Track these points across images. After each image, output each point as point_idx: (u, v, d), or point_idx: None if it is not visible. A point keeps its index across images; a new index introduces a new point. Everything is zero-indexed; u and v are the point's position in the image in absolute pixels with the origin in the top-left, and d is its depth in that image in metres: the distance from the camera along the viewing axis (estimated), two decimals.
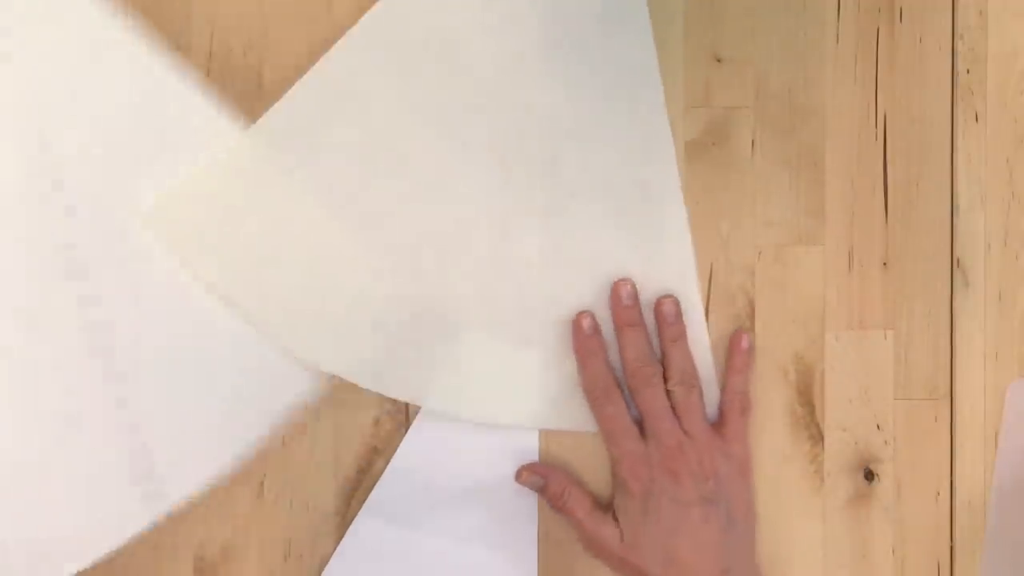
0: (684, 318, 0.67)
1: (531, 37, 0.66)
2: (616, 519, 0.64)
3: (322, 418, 0.67)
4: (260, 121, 0.66)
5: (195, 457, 0.65)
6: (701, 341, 0.67)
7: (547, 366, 0.67)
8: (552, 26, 0.66)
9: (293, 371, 0.65)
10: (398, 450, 0.66)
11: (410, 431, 0.66)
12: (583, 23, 0.66)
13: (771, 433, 0.69)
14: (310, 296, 0.66)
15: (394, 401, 0.67)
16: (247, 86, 0.67)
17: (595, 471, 0.68)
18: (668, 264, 0.67)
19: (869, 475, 0.69)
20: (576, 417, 0.67)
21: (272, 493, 0.67)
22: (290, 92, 0.66)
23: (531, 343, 0.67)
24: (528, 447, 0.67)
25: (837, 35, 0.69)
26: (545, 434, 0.68)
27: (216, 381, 0.64)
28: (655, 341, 0.67)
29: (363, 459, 0.67)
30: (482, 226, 0.66)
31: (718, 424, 0.66)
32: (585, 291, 0.67)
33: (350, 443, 0.67)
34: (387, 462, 0.67)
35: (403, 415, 0.67)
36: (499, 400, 0.67)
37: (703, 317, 0.68)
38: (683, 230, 0.67)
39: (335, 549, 0.67)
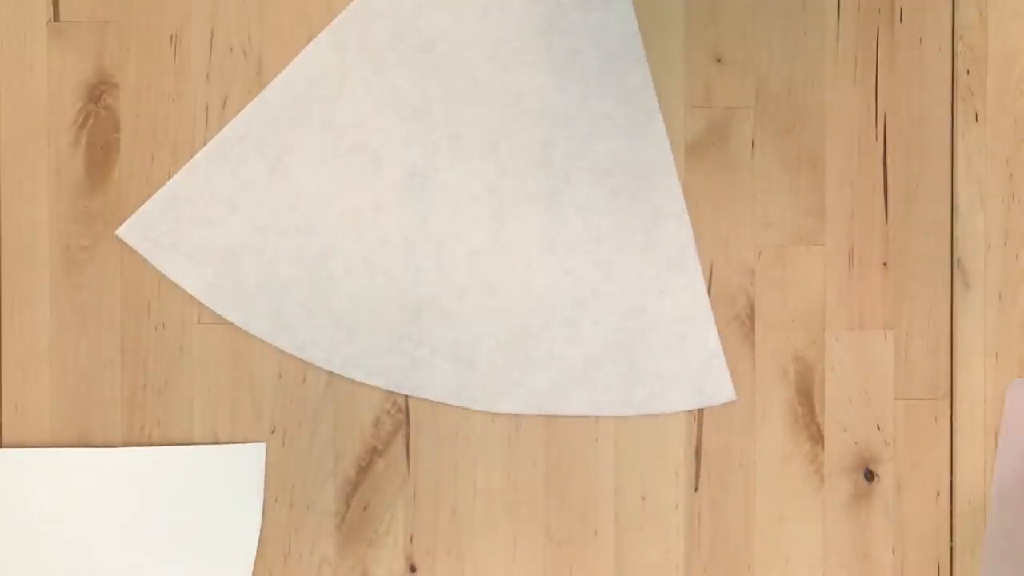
0: (686, 292, 0.67)
1: (514, 24, 0.66)
2: None
3: (322, 418, 0.67)
4: (231, 124, 0.66)
5: None
6: (703, 313, 0.68)
7: (550, 352, 0.67)
8: (534, 11, 0.66)
9: None
10: None
11: None
12: (565, 6, 0.66)
13: (771, 433, 0.69)
14: (303, 294, 0.66)
15: (394, 401, 0.67)
16: (247, 85, 0.67)
17: (598, 458, 0.68)
18: (667, 240, 0.67)
19: (869, 475, 0.69)
20: (579, 402, 0.67)
21: (272, 493, 0.67)
22: (261, 95, 0.66)
23: (533, 330, 0.67)
24: None
25: (837, 35, 0.69)
26: (548, 421, 0.68)
27: None
28: (650, 301, 0.67)
29: (363, 459, 0.68)
30: (478, 215, 0.66)
31: None
32: (586, 275, 0.67)
33: (350, 443, 0.67)
34: (387, 462, 0.67)
35: (403, 415, 0.68)
36: (502, 388, 0.67)
37: (706, 292, 0.68)
38: (680, 205, 0.67)
39: (335, 549, 0.67)
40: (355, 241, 0.66)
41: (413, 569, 0.68)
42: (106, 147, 0.68)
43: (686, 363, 0.68)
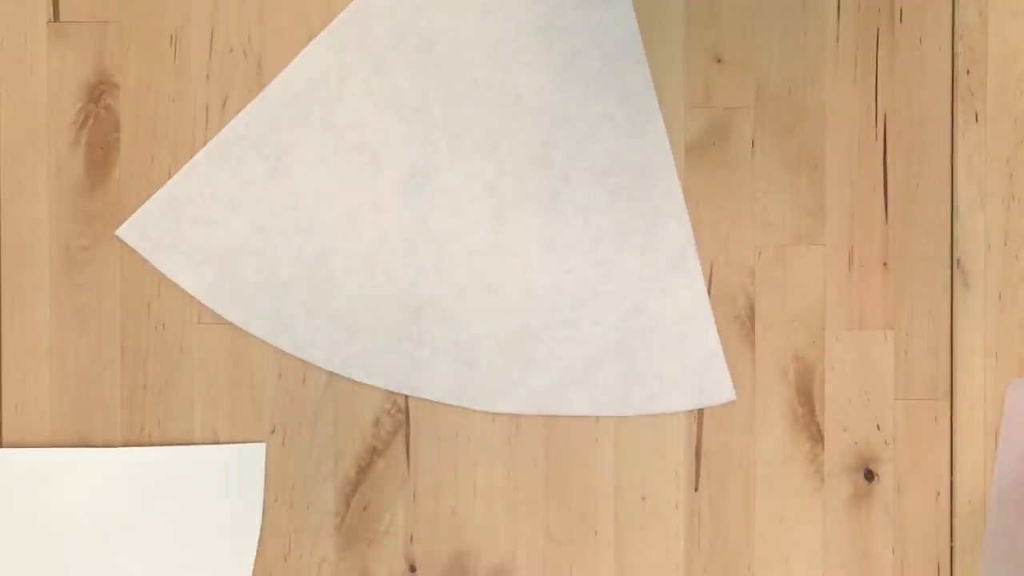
0: (686, 292, 0.67)
1: (514, 24, 0.66)
2: None
3: (322, 418, 0.67)
4: (231, 124, 0.66)
5: None
6: (703, 313, 0.68)
7: (550, 352, 0.67)
8: (534, 11, 0.66)
9: None
10: None
11: None
12: (565, 6, 0.66)
13: (771, 433, 0.69)
14: (303, 294, 0.66)
15: (394, 401, 0.67)
16: (247, 85, 0.67)
17: (598, 458, 0.68)
18: (667, 240, 0.67)
19: (869, 475, 0.69)
20: (579, 402, 0.67)
21: (272, 493, 0.67)
22: (261, 95, 0.66)
23: (533, 330, 0.67)
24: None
25: (837, 35, 0.69)
26: (548, 421, 0.68)
27: None
28: (650, 304, 0.67)
29: (363, 459, 0.68)
30: (478, 215, 0.66)
31: None
32: (586, 275, 0.67)
33: (350, 443, 0.67)
34: (387, 462, 0.67)
35: (403, 415, 0.68)
36: (502, 388, 0.67)
37: (706, 292, 0.68)
38: (680, 205, 0.67)
39: (335, 549, 0.67)
40: (355, 241, 0.66)
41: (413, 569, 0.68)
42: (106, 147, 0.68)
43: (686, 363, 0.68)
